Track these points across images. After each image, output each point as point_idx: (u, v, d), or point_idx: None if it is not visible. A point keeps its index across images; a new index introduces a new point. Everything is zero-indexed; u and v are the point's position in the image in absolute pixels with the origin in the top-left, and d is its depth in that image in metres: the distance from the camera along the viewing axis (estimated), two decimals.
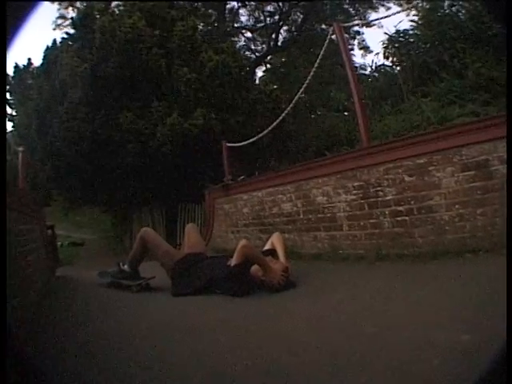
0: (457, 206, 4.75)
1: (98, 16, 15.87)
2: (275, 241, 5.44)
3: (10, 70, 21.32)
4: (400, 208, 5.21)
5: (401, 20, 15.50)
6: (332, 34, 7.08)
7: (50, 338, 3.33)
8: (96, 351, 3.08)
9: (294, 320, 3.46)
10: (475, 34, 10.60)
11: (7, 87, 21.01)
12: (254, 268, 4.77)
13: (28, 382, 1.54)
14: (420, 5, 13.22)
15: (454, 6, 12.34)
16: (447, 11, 12.28)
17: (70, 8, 23.46)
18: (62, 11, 23.71)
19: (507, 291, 1.80)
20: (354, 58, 24.13)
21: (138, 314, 4.36)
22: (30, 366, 1.71)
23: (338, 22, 7.27)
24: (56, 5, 23.33)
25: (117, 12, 17.25)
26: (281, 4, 24.78)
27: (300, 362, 2.55)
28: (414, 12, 13.22)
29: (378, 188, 5.46)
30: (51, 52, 17.20)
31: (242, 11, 25.69)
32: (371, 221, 5.55)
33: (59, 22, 23.69)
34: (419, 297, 3.51)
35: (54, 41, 18.10)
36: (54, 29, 23.63)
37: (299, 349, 2.76)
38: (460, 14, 12.03)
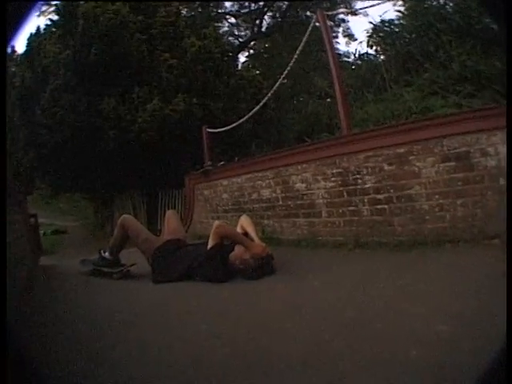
0: (437, 196, 4.78)
1: (81, 2, 15.71)
2: (245, 224, 5.46)
3: None
4: (379, 196, 5.22)
5: (386, 10, 15.55)
6: (316, 22, 7.10)
7: (34, 327, 3.33)
8: (80, 339, 3.08)
9: (273, 306, 3.48)
10: (462, 27, 10.56)
11: None
12: (233, 255, 4.76)
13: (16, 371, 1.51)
14: None
15: None
16: (434, 3, 12.26)
17: None
18: None
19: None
20: (339, 46, 24.22)
21: (119, 301, 4.35)
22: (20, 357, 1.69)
23: (322, 10, 7.25)
24: None
25: None
26: None
27: (281, 350, 2.55)
28: (400, 2, 13.25)
29: (358, 176, 5.47)
30: (34, 39, 16.95)
31: None
32: (350, 208, 5.57)
33: (43, 8, 23.47)
34: (397, 285, 3.53)
35: (38, 28, 17.80)
36: (39, 15, 23.35)
37: (280, 335, 2.77)
38: (447, 6, 11.98)
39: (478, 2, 10.73)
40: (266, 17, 25.72)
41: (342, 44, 25.65)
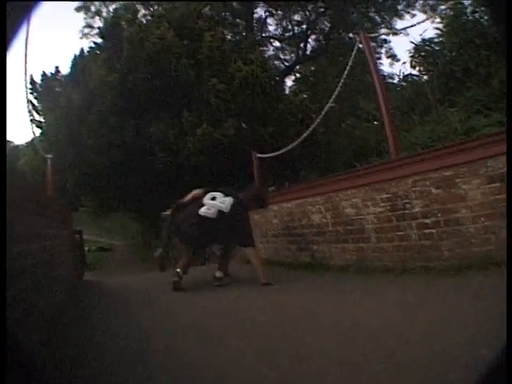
0: (482, 219, 4.75)
1: (125, 26, 16.12)
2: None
3: (37, 78, 21.69)
4: (427, 220, 5.24)
5: (425, 29, 15.37)
6: (359, 44, 7.20)
7: (73, 336, 3.54)
8: (114, 351, 3.25)
9: (318, 333, 3.48)
10: (498, 41, 10.32)
11: (35, 94, 21.23)
12: None
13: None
14: (444, 12, 13.10)
15: (477, 12, 12.26)
16: (470, 17, 12.18)
17: (97, 17, 23.95)
18: (89, 20, 24.28)
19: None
20: (382, 67, 24.23)
21: (159, 316, 4.54)
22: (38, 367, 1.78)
23: (364, 32, 7.34)
24: (82, 14, 23.88)
25: (144, 22, 17.53)
26: (308, 13, 24.83)
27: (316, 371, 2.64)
28: (438, 20, 13.17)
29: (406, 200, 5.51)
30: (79, 61, 17.50)
31: (269, 21, 25.86)
32: (398, 233, 5.60)
33: (86, 31, 24.19)
34: (439, 310, 3.57)
35: (82, 50, 18.45)
36: (81, 38, 24.23)
37: (319, 360, 2.84)
38: (482, 20, 11.90)
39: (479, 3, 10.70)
40: (309, 40, 25.88)
41: (385, 65, 25.47)
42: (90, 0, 23.77)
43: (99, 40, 18.02)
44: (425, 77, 13.33)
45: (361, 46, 7.19)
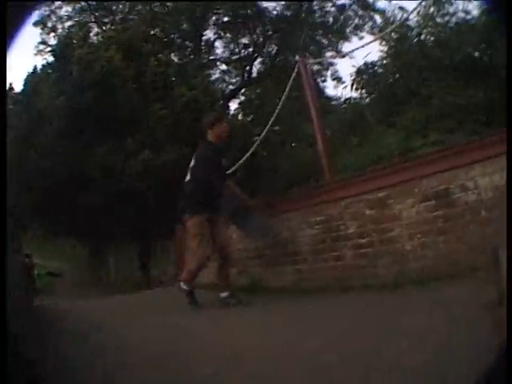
0: (418, 236, 4.89)
1: (76, 47, 16.00)
2: None
3: None
4: (362, 240, 5.34)
5: (369, 52, 15.80)
6: (298, 70, 7.28)
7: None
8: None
9: (257, 353, 3.47)
10: (442, 61, 10.79)
11: None
12: None
13: None
14: (388, 36, 13.35)
15: (422, 34, 12.69)
16: (415, 40, 12.49)
17: (52, 34, 23.64)
18: (44, 36, 23.86)
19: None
20: (327, 90, 24.59)
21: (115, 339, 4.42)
22: None
23: (303, 58, 7.46)
24: (39, 29, 23.52)
25: (95, 42, 17.44)
26: (255, 36, 25.09)
27: None
28: (383, 42, 13.48)
29: (340, 222, 5.58)
30: (31, 79, 17.23)
31: (217, 43, 25.96)
32: (334, 254, 5.65)
33: (41, 47, 23.78)
34: (377, 327, 3.59)
35: (35, 67, 18.13)
36: (36, 54, 23.72)
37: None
38: (428, 41, 12.34)
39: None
40: (255, 62, 26.14)
41: (330, 87, 25.96)
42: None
43: (52, 58, 17.82)
44: (367, 99, 13.55)
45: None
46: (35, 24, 22.94)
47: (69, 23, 23.55)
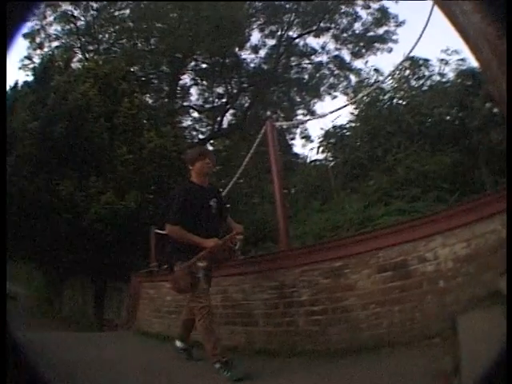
0: (373, 306, 4.90)
1: (56, 71, 15.97)
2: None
3: None
4: (315, 308, 5.32)
5: (338, 115, 15.89)
6: (265, 132, 7.30)
7: None
8: None
9: None
10: (412, 127, 10.78)
11: None
12: None
13: None
14: (360, 100, 13.31)
15: (394, 98, 12.78)
16: (386, 104, 12.52)
17: (38, 50, 23.55)
18: (31, 51, 23.78)
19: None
20: (295, 148, 24.85)
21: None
22: None
23: (272, 121, 7.53)
24: (27, 42, 23.41)
25: (76, 70, 17.43)
26: (230, 87, 25.33)
27: None
28: (354, 105, 13.42)
29: (294, 289, 5.58)
30: (11, 93, 17.02)
31: (192, 90, 26.15)
32: (286, 319, 5.63)
33: (26, 62, 23.60)
34: None
35: (16, 83, 17.89)
36: (20, 68, 23.50)
37: None
38: (399, 105, 12.35)
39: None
40: (227, 114, 26.31)
41: (298, 145, 26.19)
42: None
43: (32, 78, 17.67)
44: (331, 163, 13.48)
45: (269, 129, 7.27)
46: (25, 36, 22.94)
47: (55, 43, 23.87)
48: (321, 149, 13.35)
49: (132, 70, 20.10)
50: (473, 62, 9.63)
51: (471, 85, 10.93)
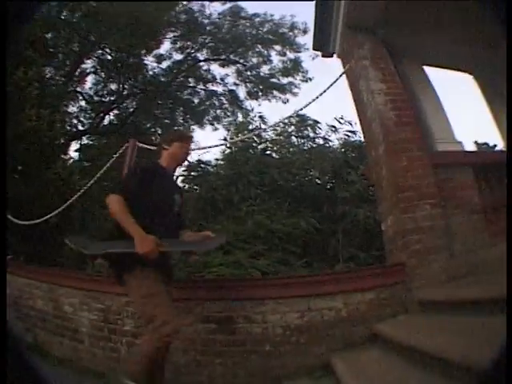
0: (193, 353, 5.19)
1: None
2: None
3: None
4: (137, 341, 5.27)
5: (207, 151, 15.42)
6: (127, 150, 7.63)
7: None
8: None
9: None
10: (275, 182, 10.61)
11: None
12: None
13: None
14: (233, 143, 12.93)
15: (267, 149, 12.73)
16: (258, 153, 12.21)
17: None
18: None
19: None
20: None
21: None
22: None
23: (134, 141, 7.78)
24: None
25: None
26: (122, 87, 24.72)
27: None
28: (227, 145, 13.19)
29: (118, 316, 5.74)
30: None
31: (89, 78, 24.95)
32: (110, 344, 5.76)
33: None
34: None
35: None
36: None
37: None
38: (271, 159, 12.13)
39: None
40: (111, 113, 25.86)
41: None
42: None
43: None
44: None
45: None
46: None
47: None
48: (180, 178, 12.62)
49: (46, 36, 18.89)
50: (362, 138, 9.69)
51: (353, 157, 11.18)
